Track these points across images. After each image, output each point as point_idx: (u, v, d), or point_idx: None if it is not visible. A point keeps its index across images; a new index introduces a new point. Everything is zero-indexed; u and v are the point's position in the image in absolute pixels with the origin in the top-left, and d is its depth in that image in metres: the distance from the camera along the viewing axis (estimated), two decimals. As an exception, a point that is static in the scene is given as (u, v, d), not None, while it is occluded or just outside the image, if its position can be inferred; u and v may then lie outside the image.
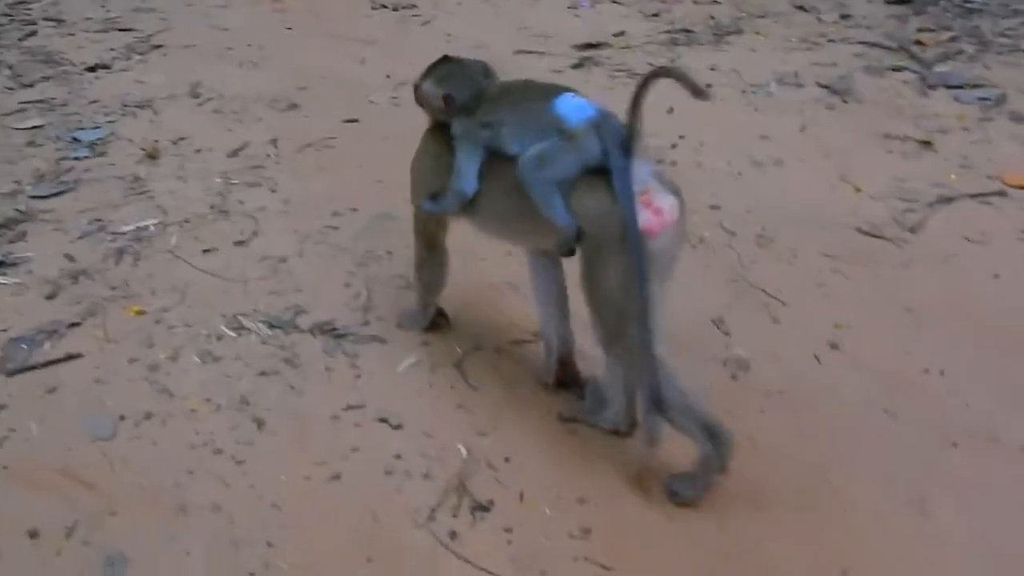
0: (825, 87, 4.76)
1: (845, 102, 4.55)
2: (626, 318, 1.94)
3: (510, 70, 5.29)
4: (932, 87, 4.66)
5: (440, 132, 2.23)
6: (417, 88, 2.27)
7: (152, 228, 3.36)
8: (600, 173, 1.93)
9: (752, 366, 2.56)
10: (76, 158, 4.01)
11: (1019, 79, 4.68)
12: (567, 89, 2.03)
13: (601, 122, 1.94)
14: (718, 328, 2.74)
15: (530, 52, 5.61)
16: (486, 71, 2.19)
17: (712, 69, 5.15)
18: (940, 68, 4.90)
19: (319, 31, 6.20)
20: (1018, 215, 3.35)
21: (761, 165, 3.87)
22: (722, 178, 3.75)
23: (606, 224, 1.91)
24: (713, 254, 3.17)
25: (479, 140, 2.10)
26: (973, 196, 3.47)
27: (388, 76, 5.11)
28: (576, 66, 5.29)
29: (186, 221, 3.42)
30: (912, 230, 3.26)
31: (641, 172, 1.92)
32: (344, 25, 6.33)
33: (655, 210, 1.90)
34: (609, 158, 1.90)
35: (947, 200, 3.45)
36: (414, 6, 6.85)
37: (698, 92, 1.84)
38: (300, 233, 3.33)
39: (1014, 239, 3.20)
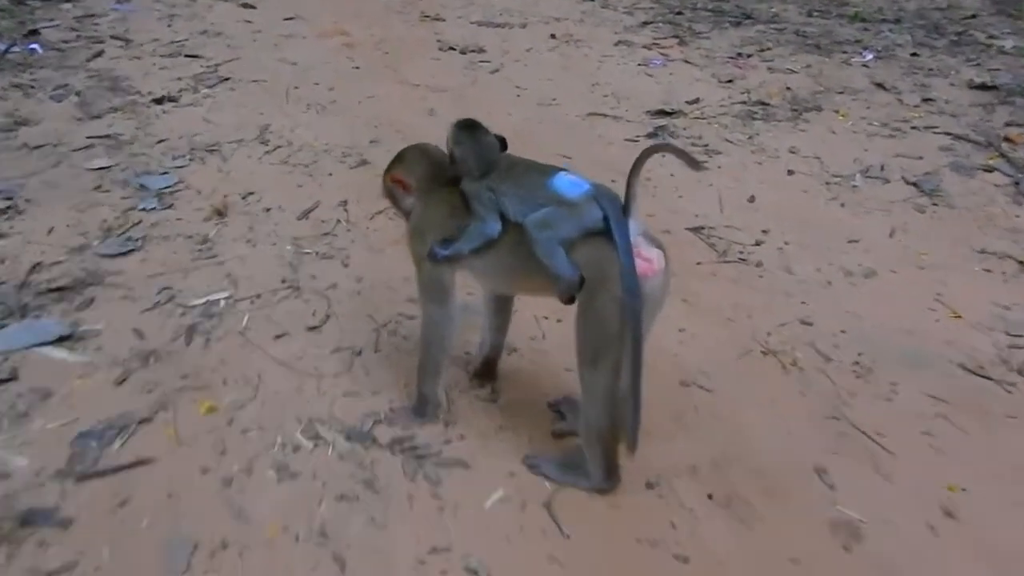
0: (913, 184, 4.60)
1: (935, 204, 4.38)
2: (609, 347, 2.25)
3: (582, 133, 5.19)
4: (1026, 194, 4.48)
5: (440, 193, 2.52)
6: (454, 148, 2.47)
7: (223, 303, 3.24)
8: (597, 232, 2.25)
9: (863, 532, 2.38)
10: (144, 209, 3.91)
11: (1119, 193, 4.50)
12: (562, 169, 2.36)
13: (598, 193, 2.27)
14: (821, 479, 2.58)
15: (603, 115, 5.48)
16: (503, 144, 2.48)
17: (792, 152, 5.00)
18: (1033, 172, 4.72)
19: (387, 72, 6.11)
20: None
21: (852, 275, 3.70)
22: (813, 288, 3.59)
23: (604, 271, 2.23)
24: (808, 382, 3.01)
25: (488, 198, 2.38)
26: (1083, 336, 3.29)
27: (459, 133, 4.99)
28: (651, 135, 5.15)
29: (257, 296, 3.30)
30: (1021, 372, 3.08)
31: (633, 229, 2.23)
32: (412, 67, 6.24)
33: (645, 259, 2.24)
34: (610, 220, 2.22)
35: (1056, 338, 3.27)
36: (483, 51, 6.77)
37: (694, 164, 2.22)
38: (375, 320, 3.21)
39: None
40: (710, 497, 2.47)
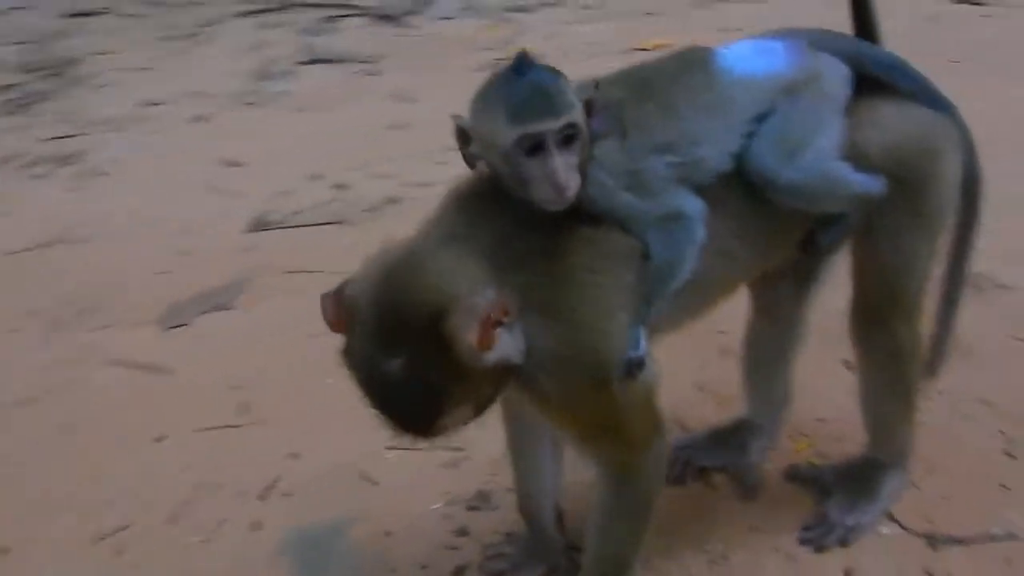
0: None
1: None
2: (929, 268, 1.63)
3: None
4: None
5: (549, 272, 1.32)
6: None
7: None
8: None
9: None
10: None
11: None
12: (699, 47, 1.44)
13: (814, 39, 1.46)
14: None
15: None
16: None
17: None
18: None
19: None
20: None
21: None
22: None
23: (923, 150, 1.51)
24: None
25: (665, 168, 1.34)
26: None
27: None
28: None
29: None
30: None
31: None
32: None
33: None
34: (874, 68, 1.47)
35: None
36: None
37: None
38: None
39: None
40: None
